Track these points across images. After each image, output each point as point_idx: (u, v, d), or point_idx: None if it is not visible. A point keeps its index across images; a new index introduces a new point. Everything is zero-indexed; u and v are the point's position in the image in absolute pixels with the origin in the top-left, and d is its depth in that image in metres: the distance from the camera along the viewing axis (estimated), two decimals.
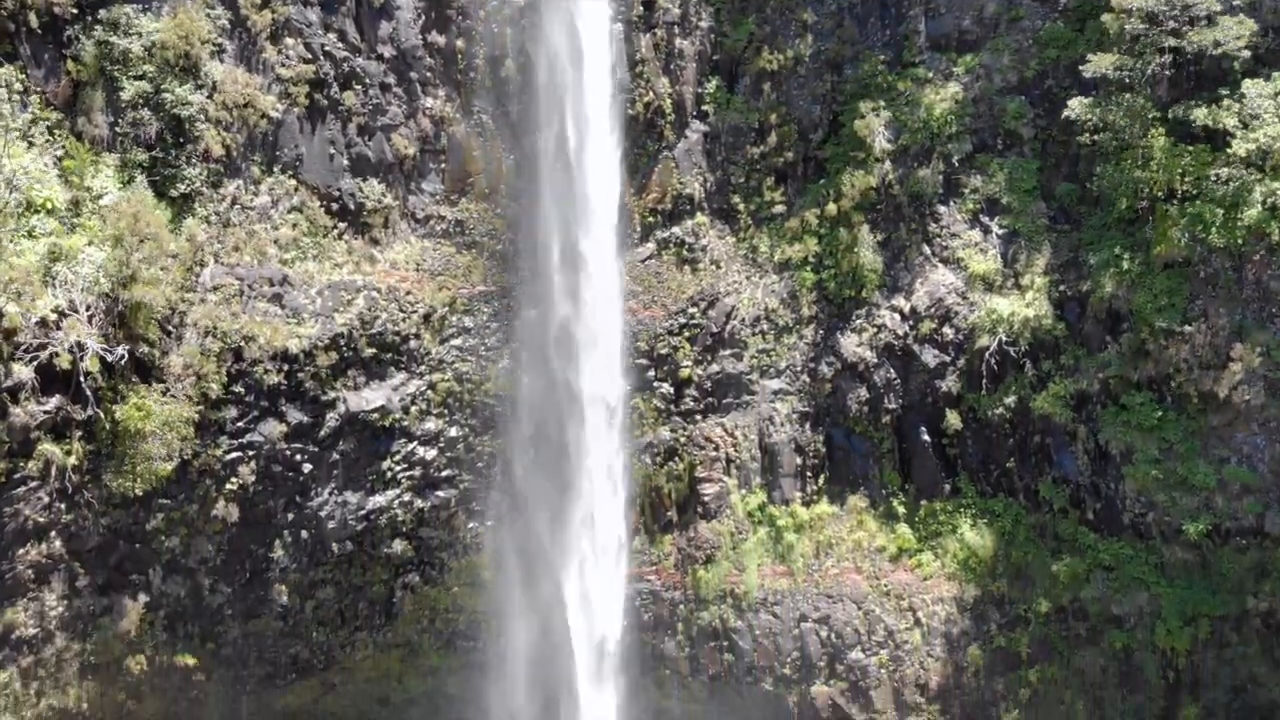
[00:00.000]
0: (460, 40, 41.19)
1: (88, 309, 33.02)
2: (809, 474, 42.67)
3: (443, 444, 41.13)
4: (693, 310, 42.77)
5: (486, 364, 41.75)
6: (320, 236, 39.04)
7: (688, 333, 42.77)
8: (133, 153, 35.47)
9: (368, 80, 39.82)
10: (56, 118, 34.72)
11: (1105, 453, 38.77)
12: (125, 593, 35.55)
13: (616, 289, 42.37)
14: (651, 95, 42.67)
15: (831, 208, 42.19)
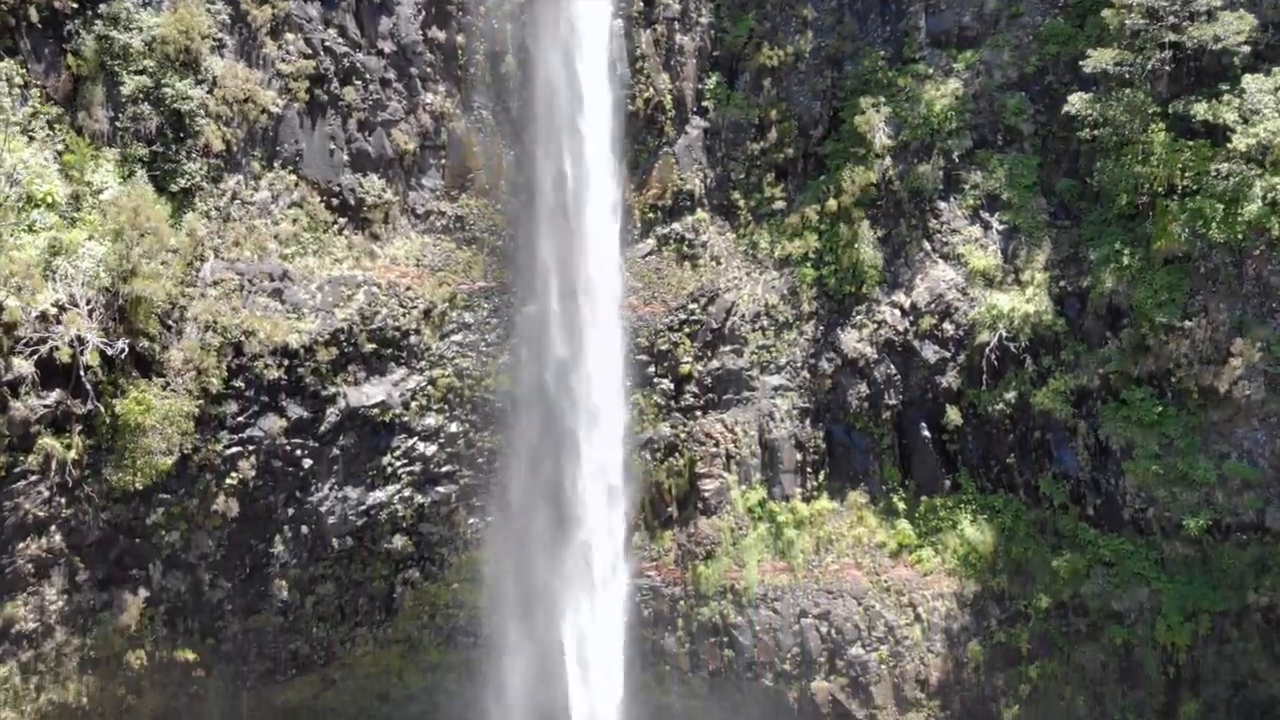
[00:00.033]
0: (460, 36, 41.19)
1: (88, 303, 33.04)
2: (809, 470, 42.67)
3: (443, 439, 41.13)
4: (693, 306, 42.77)
5: (487, 360, 41.76)
6: (320, 232, 39.04)
7: (688, 329, 42.76)
8: (133, 147, 35.49)
9: (368, 76, 39.81)
10: (57, 112, 34.72)
11: (1105, 448, 38.76)
12: (125, 587, 35.54)
13: (616, 285, 42.41)
14: (652, 91, 42.66)
15: (832, 204, 42.19)
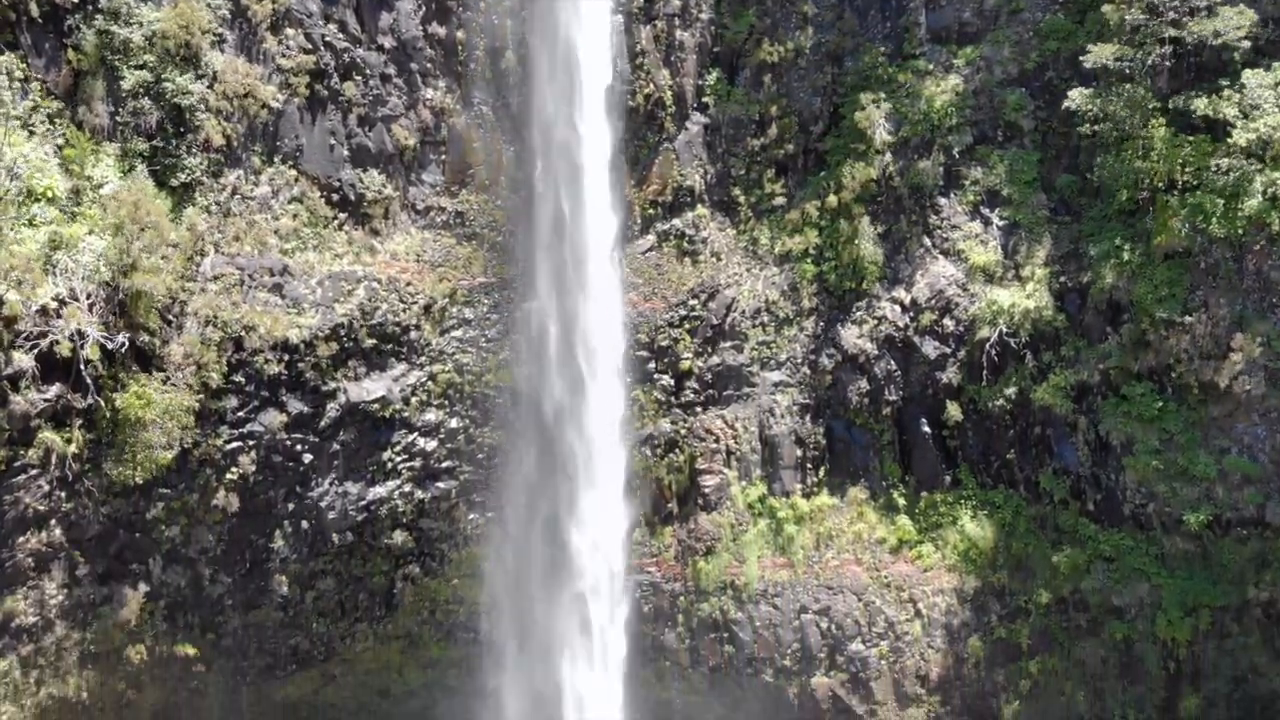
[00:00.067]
0: (460, 31, 41.24)
1: (88, 297, 33.00)
2: (809, 466, 42.65)
3: (443, 435, 41.13)
4: (693, 302, 42.77)
5: (487, 355, 41.77)
6: (320, 227, 39.05)
7: (688, 325, 42.76)
8: (133, 142, 35.47)
9: (368, 71, 39.84)
10: (57, 106, 34.71)
11: (1106, 444, 38.75)
12: (125, 582, 35.49)
13: (616, 282, 42.41)
14: (652, 87, 42.70)
15: (832, 200, 42.21)
